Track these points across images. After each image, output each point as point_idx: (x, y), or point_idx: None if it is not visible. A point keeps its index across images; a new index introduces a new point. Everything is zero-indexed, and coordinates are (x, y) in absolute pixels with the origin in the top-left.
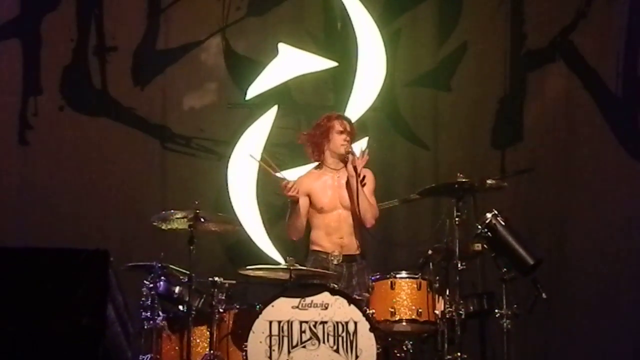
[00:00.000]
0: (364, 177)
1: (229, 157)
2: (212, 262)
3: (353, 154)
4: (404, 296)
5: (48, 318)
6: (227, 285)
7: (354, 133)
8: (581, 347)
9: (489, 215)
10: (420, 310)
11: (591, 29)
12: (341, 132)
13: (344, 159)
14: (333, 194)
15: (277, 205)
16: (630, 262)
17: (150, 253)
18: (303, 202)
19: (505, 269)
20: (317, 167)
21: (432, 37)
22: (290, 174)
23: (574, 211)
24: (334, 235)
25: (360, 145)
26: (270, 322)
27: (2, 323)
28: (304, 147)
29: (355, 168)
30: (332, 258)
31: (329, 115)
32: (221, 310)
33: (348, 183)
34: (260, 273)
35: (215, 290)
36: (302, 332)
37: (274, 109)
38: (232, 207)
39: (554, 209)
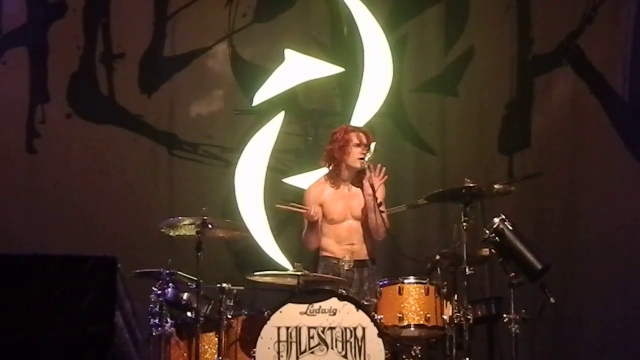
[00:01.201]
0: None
1: (236, 164)
2: (220, 269)
3: (371, 169)
4: (412, 301)
5: (55, 325)
6: (235, 291)
7: (370, 144)
8: (590, 352)
9: (496, 220)
10: (428, 315)
11: (598, 34)
12: (358, 145)
13: (359, 173)
14: (344, 205)
15: None
16: (639, 267)
17: (158, 260)
18: (318, 211)
19: (513, 274)
20: (327, 175)
21: (439, 43)
22: (301, 180)
23: (581, 216)
24: (344, 242)
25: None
26: (279, 328)
27: (9, 330)
28: (321, 159)
29: (372, 186)
30: (343, 264)
31: (345, 128)
32: (229, 316)
33: (359, 194)
34: (268, 279)
35: (223, 296)
36: (310, 337)
37: (281, 115)
38: (239, 213)
39: (562, 213)
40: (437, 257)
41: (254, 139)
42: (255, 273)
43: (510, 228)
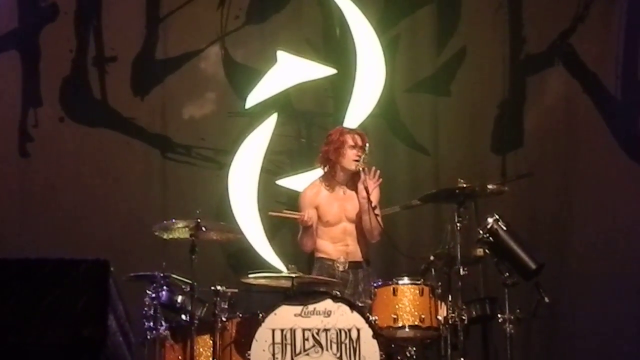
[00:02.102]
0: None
1: (230, 166)
2: (214, 271)
3: (365, 172)
4: (407, 302)
5: (48, 329)
6: (229, 293)
7: (365, 146)
8: (584, 351)
9: (490, 220)
10: (422, 316)
11: (590, 33)
12: (353, 147)
13: (354, 175)
14: (339, 208)
15: None
16: (633, 266)
17: (152, 263)
18: (312, 215)
19: (507, 274)
20: (323, 177)
21: (431, 43)
22: (294, 182)
23: (575, 215)
24: (339, 243)
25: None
26: (273, 330)
27: (2, 334)
28: (316, 161)
29: (366, 189)
30: (339, 265)
31: (340, 130)
32: (224, 319)
33: (354, 196)
34: (262, 281)
35: (218, 299)
36: (305, 339)
37: (274, 116)
38: (233, 215)
39: (555, 213)
40: (431, 257)
41: (247, 141)
42: (250, 275)
43: (504, 228)
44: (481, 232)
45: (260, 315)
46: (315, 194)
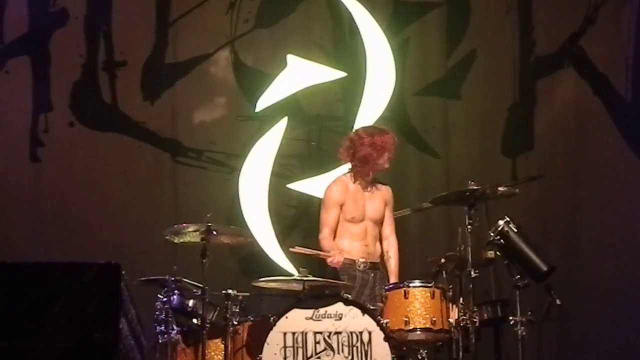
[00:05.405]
0: None
1: (240, 170)
2: (225, 275)
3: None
4: (418, 305)
5: (60, 333)
6: (240, 297)
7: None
8: (596, 354)
9: (501, 222)
10: (434, 318)
11: (600, 35)
12: (390, 149)
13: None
14: (364, 206)
15: (289, 216)
16: None
17: (163, 267)
18: (336, 214)
19: (518, 276)
20: (351, 174)
21: (441, 46)
22: (305, 185)
23: (586, 216)
24: (360, 242)
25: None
26: (285, 334)
27: (14, 339)
28: (342, 153)
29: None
30: (359, 265)
31: (381, 130)
32: (235, 322)
33: (378, 196)
34: (273, 285)
35: (229, 302)
36: (316, 342)
37: (284, 120)
38: (244, 219)
39: (567, 214)
40: (443, 260)
41: (258, 145)
42: (261, 279)
43: (515, 230)
44: (492, 234)
45: (272, 318)
46: (342, 190)
